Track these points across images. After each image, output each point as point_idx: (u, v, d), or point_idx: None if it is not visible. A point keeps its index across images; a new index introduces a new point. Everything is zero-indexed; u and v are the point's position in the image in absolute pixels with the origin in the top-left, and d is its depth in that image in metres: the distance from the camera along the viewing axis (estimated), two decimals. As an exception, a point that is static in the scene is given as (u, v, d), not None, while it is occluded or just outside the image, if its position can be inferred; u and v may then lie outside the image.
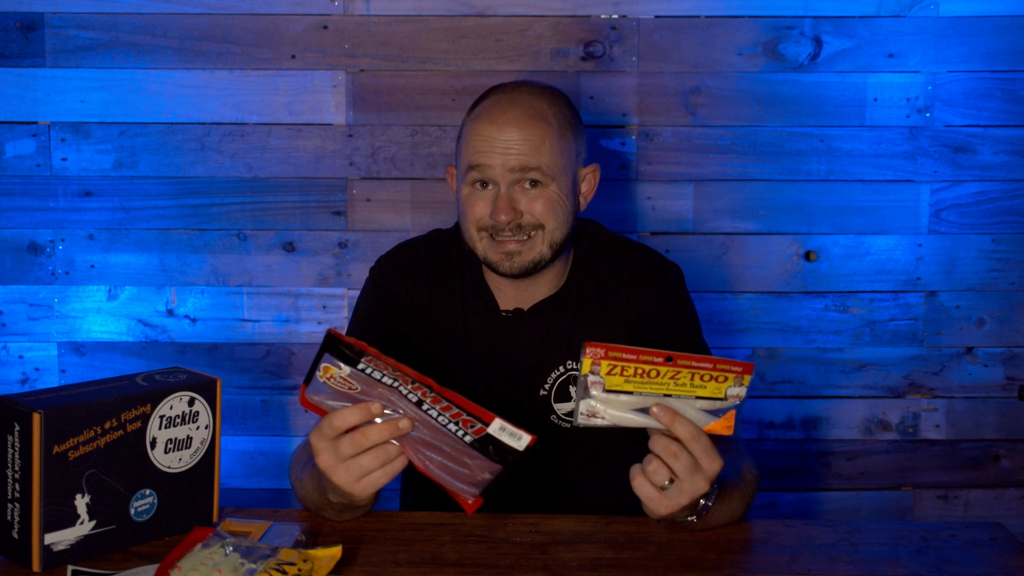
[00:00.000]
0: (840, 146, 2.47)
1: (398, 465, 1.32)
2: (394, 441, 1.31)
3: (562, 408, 1.73)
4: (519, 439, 1.29)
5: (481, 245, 1.67)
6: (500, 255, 1.66)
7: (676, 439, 1.32)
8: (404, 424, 1.30)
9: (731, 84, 2.46)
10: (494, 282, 1.75)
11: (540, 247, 1.66)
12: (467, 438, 1.29)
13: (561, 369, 1.73)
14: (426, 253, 1.79)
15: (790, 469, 2.56)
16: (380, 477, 1.32)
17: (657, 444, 1.32)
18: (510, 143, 1.63)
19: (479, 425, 1.29)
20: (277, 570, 1.27)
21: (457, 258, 1.78)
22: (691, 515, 1.42)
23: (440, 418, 1.30)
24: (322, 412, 1.34)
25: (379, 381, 1.31)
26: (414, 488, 1.86)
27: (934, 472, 2.57)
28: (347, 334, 1.76)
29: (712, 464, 1.32)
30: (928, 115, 2.46)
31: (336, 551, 1.34)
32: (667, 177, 2.48)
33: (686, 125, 2.47)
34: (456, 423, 1.30)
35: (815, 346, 2.53)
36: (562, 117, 1.68)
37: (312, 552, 1.32)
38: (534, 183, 1.65)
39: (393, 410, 1.30)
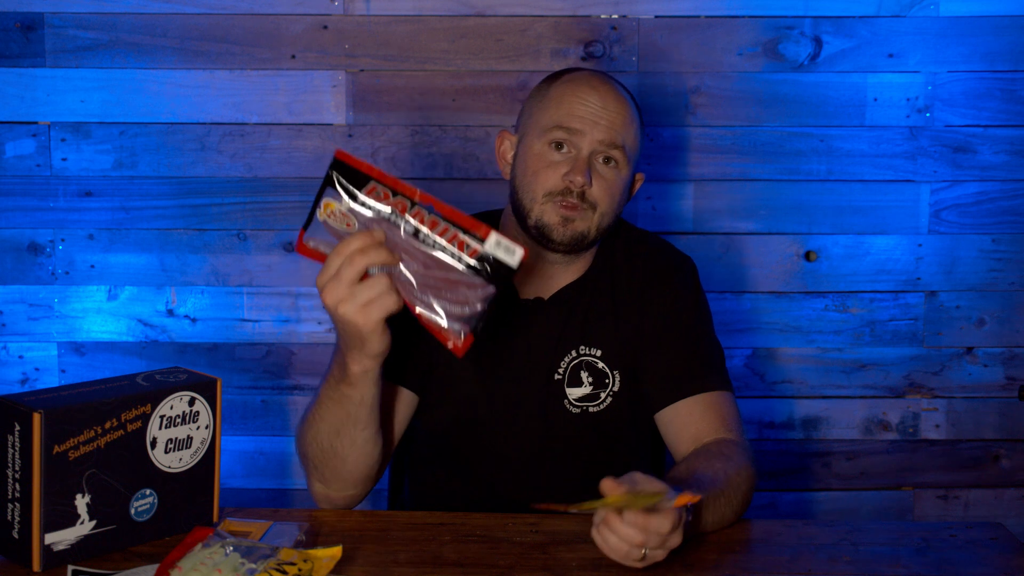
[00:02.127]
0: (840, 146, 2.47)
1: (389, 301, 1.32)
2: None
3: (573, 393, 1.73)
4: (513, 253, 1.30)
5: (540, 208, 1.68)
6: (558, 219, 1.67)
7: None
8: (396, 256, 1.31)
9: (731, 84, 2.46)
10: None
11: (590, 223, 1.68)
12: (463, 261, 1.30)
13: (574, 353, 1.74)
14: None
15: (790, 469, 2.56)
16: (386, 301, 1.32)
17: (626, 534, 1.32)
18: (608, 113, 1.67)
19: (475, 245, 1.30)
20: (277, 570, 1.27)
21: None
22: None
23: (438, 243, 1.30)
24: (320, 257, 1.34)
25: (376, 218, 1.31)
26: (412, 472, 1.84)
27: (934, 472, 2.57)
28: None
29: (674, 539, 1.34)
30: (928, 115, 2.47)
31: (336, 551, 1.34)
32: (667, 177, 2.48)
33: (686, 125, 2.47)
34: (453, 245, 1.30)
35: (815, 346, 2.53)
36: (640, 114, 1.75)
37: (312, 552, 1.33)
38: (609, 160, 1.67)
39: (389, 247, 1.31)
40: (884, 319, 2.52)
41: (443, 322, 1.32)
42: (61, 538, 1.34)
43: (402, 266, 1.32)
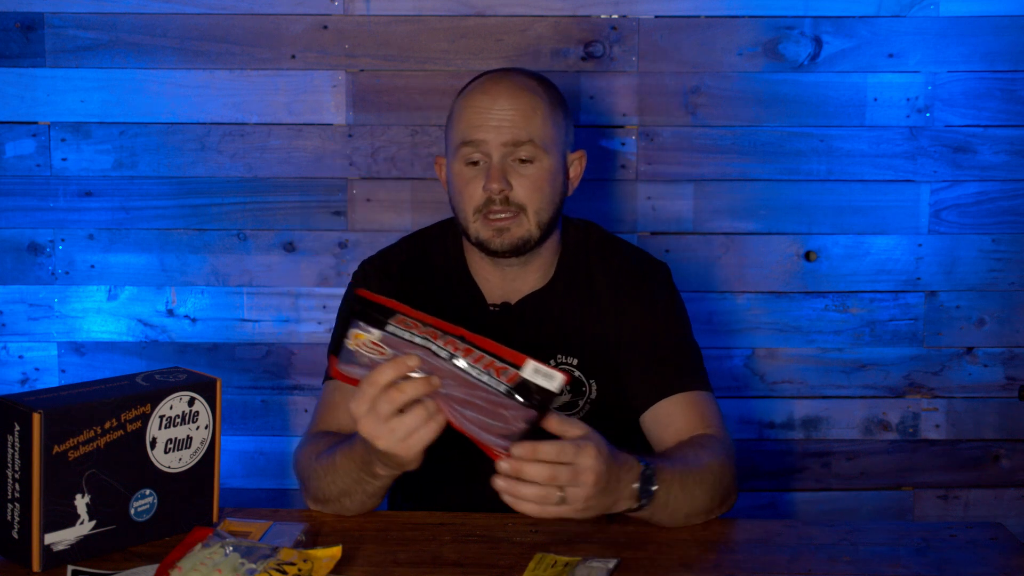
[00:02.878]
0: (840, 146, 2.47)
1: (441, 420, 1.31)
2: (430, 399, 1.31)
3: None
4: (552, 379, 1.28)
5: (475, 227, 1.68)
6: (491, 232, 1.67)
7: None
8: (435, 380, 1.30)
9: (731, 84, 2.46)
10: (482, 274, 1.76)
11: (527, 225, 1.68)
12: (501, 388, 1.28)
13: (551, 363, 1.73)
14: (408, 255, 1.80)
15: (790, 469, 2.56)
16: (425, 433, 1.31)
17: (533, 474, 1.29)
18: (503, 113, 1.65)
19: (512, 371, 1.29)
20: (277, 570, 1.27)
21: (442, 255, 1.79)
22: (635, 504, 1.41)
23: (472, 370, 1.29)
24: (355, 382, 1.32)
25: (409, 342, 1.30)
26: (403, 484, 1.84)
27: (934, 472, 2.57)
28: (333, 340, 1.77)
29: (582, 456, 1.30)
30: (928, 115, 2.46)
31: (336, 551, 1.34)
32: (667, 177, 2.48)
33: (686, 125, 2.47)
34: (489, 373, 1.29)
35: (815, 346, 2.53)
36: (552, 95, 1.71)
37: (312, 552, 1.33)
38: (524, 160, 1.66)
39: (426, 371, 1.30)
40: (884, 319, 2.52)
41: (486, 438, 1.31)
42: (61, 538, 1.34)
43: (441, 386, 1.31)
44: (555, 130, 1.69)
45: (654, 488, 1.42)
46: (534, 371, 1.28)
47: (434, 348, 1.30)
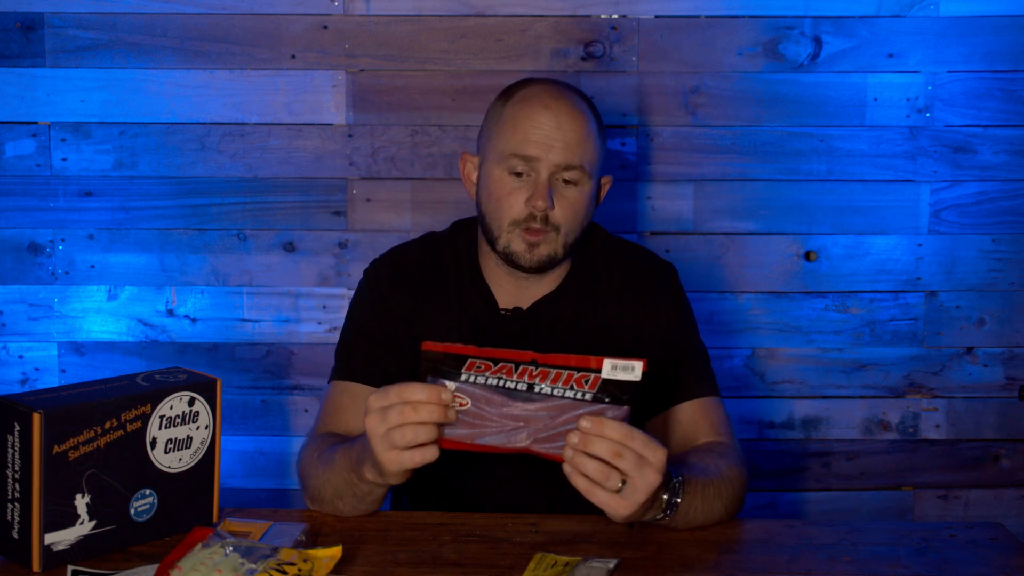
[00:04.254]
0: (840, 146, 2.47)
1: (429, 455, 1.32)
2: (460, 430, 1.31)
3: None
4: (632, 370, 1.29)
5: (507, 237, 1.68)
6: (524, 246, 1.66)
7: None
8: (451, 415, 1.30)
9: (731, 84, 2.46)
10: (494, 280, 1.75)
11: (555, 245, 1.68)
12: (587, 396, 1.30)
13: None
14: (420, 256, 1.79)
15: (790, 469, 2.56)
16: (418, 456, 1.32)
17: (599, 448, 1.30)
18: (562, 134, 1.64)
19: (592, 376, 1.30)
20: (277, 570, 1.27)
21: (453, 259, 1.78)
22: (660, 514, 1.42)
23: (556, 391, 1.30)
24: (455, 444, 1.32)
25: (484, 386, 1.31)
26: (409, 489, 1.85)
27: (934, 472, 2.57)
28: (344, 337, 1.77)
29: (656, 453, 1.32)
30: (928, 115, 2.47)
31: (336, 551, 1.34)
32: (667, 177, 2.48)
33: (686, 125, 2.47)
34: (571, 387, 1.30)
35: (815, 346, 2.53)
36: (598, 120, 1.72)
37: (312, 552, 1.33)
38: (567, 182, 1.66)
39: (499, 414, 1.30)
40: (884, 319, 2.52)
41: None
42: (61, 538, 1.34)
43: (524, 431, 1.31)
44: (598, 156, 1.70)
45: (679, 500, 1.43)
46: (612, 368, 1.30)
47: (510, 385, 1.31)
